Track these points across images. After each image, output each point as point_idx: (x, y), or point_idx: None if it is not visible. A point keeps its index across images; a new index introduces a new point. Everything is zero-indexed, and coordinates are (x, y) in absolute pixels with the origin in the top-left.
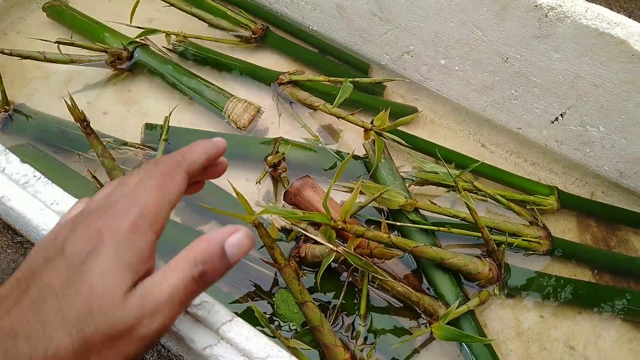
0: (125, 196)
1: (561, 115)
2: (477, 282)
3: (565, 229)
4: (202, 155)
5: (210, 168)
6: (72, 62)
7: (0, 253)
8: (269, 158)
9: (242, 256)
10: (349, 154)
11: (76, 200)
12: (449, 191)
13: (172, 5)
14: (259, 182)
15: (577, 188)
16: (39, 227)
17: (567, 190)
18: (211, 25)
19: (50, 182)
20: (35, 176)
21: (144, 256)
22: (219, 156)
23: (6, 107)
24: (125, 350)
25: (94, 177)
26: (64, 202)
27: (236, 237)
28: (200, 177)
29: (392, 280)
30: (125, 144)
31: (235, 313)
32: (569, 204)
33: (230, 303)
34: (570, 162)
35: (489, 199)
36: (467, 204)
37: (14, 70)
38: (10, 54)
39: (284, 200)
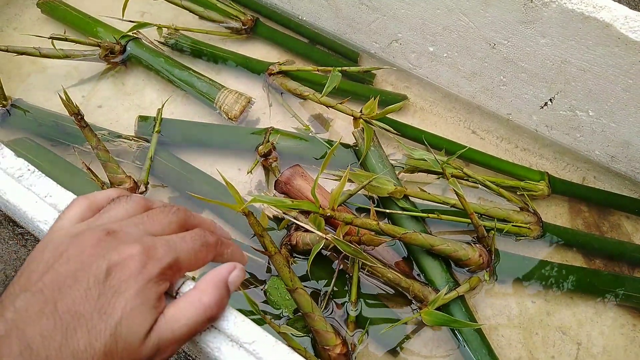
0: (167, 241)
1: (550, 100)
2: (467, 268)
3: (556, 214)
4: (233, 258)
5: None
6: (66, 57)
7: (2, 245)
8: (260, 148)
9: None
10: (336, 142)
11: (68, 192)
12: (439, 178)
13: None
14: (251, 171)
15: (569, 173)
16: (34, 219)
17: (558, 176)
18: (202, 17)
19: (43, 175)
20: (29, 170)
21: (162, 299)
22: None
23: (4, 102)
24: None
25: (88, 169)
26: (57, 194)
27: (237, 274)
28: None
29: (382, 267)
30: (119, 136)
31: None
32: (560, 189)
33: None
34: (561, 147)
35: (479, 186)
36: (455, 190)
37: (10, 66)
38: (7, 51)
39: (274, 189)
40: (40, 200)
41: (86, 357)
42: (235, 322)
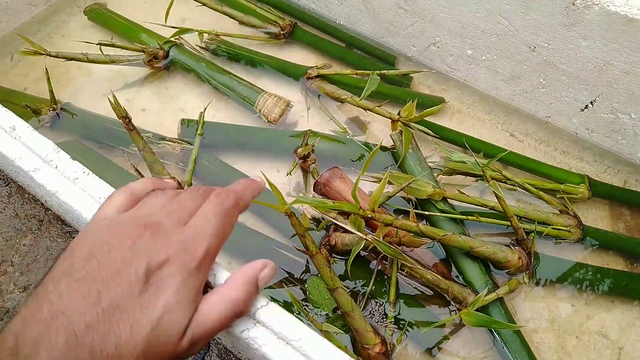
0: (196, 228)
1: (591, 103)
2: (506, 271)
3: (597, 217)
4: (253, 196)
5: None
6: (112, 62)
7: (52, 242)
8: (299, 150)
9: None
10: (376, 145)
11: None
12: (477, 180)
13: (204, 4)
14: (290, 173)
15: (609, 176)
16: (88, 220)
17: (598, 179)
18: (241, 23)
19: (97, 177)
20: (84, 172)
21: (199, 291)
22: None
23: (54, 106)
24: None
25: (136, 170)
26: None
27: (265, 273)
28: None
29: (421, 267)
30: (163, 138)
31: (270, 298)
32: (601, 192)
33: (264, 289)
34: (602, 150)
35: (518, 188)
36: (495, 192)
37: (59, 71)
38: (57, 56)
39: (313, 190)
40: (95, 202)
41: (128, 349)
42: (282, 320)
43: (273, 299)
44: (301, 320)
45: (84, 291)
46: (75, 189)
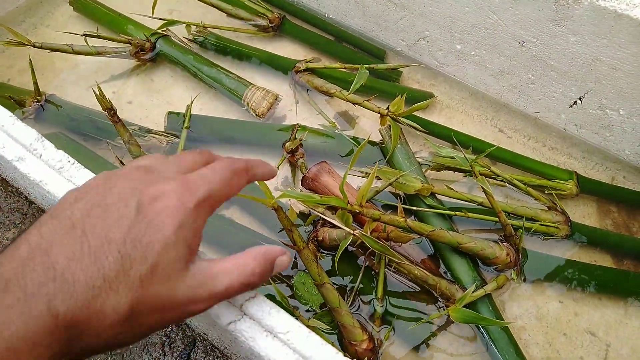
0: (199, 174)
1: (580, 99)
2: (494, 267)
3: (585, 214)
4: (264, 175)
5: None
6: (98, 53)
7: None
8: (287, 144)
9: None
10: (365, 139)
11: None
12: (465, 176)
13: None
14: (278, 167)
15: (597, 173)
16: None
17: (586, 175)
18: (230, 15)
19: (83, 167)
20: (69, 161)
21: (198, 235)
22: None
23: (38, 97)
24: (165, 320)
25: (122, 163)
26: None
27: (284, 259)
28: None
29: (409, 263)
30: (149, 131)
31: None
32: (589, 188)
33: None
34: (590, 147)
35: (507, 184)
36: (483, 188)
37: (44, 62)
38: (41, 47)
39: (301, 185)
40: None
41: (119, 282)
42: (270, 312)
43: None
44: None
45: (67, 228)
46: (60, 178)
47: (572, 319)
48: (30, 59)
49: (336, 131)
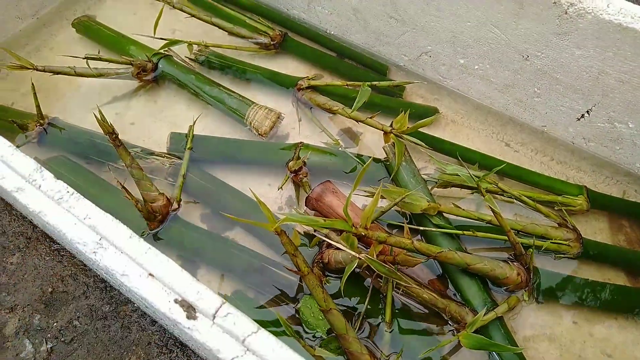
0: None
1: (587, 112)
2: (505, 287)
3: (596, 230)
4: None
5: None
6: (100, 75)
7: (39, 260)
8: (290, 164)
9: None
10: (369, 157)
11: (107, 215)
12: (473, 193)
13: (192, 16)
14: (281, 187)
15: (608, 187)
16: (73, 241)
17: (597, 190)
18: (231, 33)
19: (82, 197)
20: (68, 192)
21: None
22: None
23: (41, 121)
24: None
25: (123, 187)
26: (96, 216)
27: None
28: None
29: (417, 286)
30: (152, 153)
31: (260, 321)
32: (600, 203)
33: (255, 308)
34: (600, 160)
35: (515, 201)
36: (491, 207)
37: (47, 85)
38: (44, 71)
39: (305, 205)
40: (80, 222)
41: None
42: (273, 349)
43: (264, 322)
44: (295, 342)
45: None
46: (59, 209)
47: (587, 340)
48: (32, 83)
49: (340, 149)
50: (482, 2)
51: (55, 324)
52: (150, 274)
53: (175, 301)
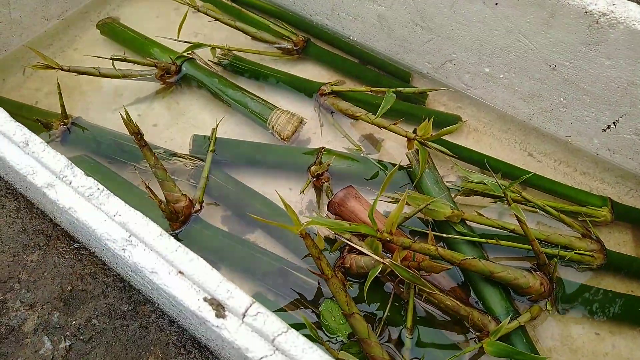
0: None
1: (614, 123)
2: (527, 297)
3: (620, 241)
4: None
5: None
6: (124, 76)
7: (59, 259)
8: (313, 168)
9: None
10: (390, 163)
11: (137, 212)
12: (496, 202)
13: (216, 20)
14: (303, 192)
15: (632, 199)
16: (103, 237)
17: (620, 201)
18: (254, 38)
19: (112, 194)
20: (99, 189)
21: None
22: None
23: (65, 120)
24: None
25: (148, 187)
26: (126, 213)
27: None
28: None
29: (440, 293)
30: (174, 154)
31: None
32: (624, 215)
33: (275, 311)
34: (624, 172)
35: (538, 210)
36: (517, 217)
37: (71, 85)
38: (69, 71)
39: (327, 210)
40: (109, 219)
41: None
42: (303, 349)
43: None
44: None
45: None
46: (89, 205)
47: (610, 352)
48: (57, 82)
49: (362, 155)
50: (512, 10)
51: (74, 322)
52: (180, 272)
53: (205, 299)
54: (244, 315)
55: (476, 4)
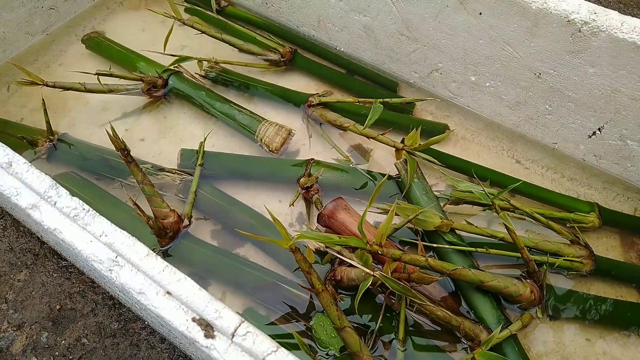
0: None
1: (599, 129)
2: (518, 305)
3: (608, 247)
4: None
5: None
6: (110, 91)
7: (47, 277)
8: (302, 180)
9: None
10: (380, 173)
11: (123, 232)
12: (485, 210)
13: (203, 32)
14: (292, 204)
15: (619, 204)
16: (89, 258)
17: (608, 207)
18: (241, 50)
19: (98, 214)
20: (84, 209)
21: None
22: None
23: (51, 137)
24: None
25: (135, 204)
26: (112, 234)
27: None
28: None
29: (431, 304)
30: (162, 169)
31: (272, 338)
32: (611, 220)
33: (266, 325)
34: (611, 177)
35: (526, 217)
36: (505, 225)
37: (56, 101)
38: (54, 87)
39: (317, 222)
40: (95, 239)
41: None
42: None
43: (276, 340)
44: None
45: None
46: (75, 226)
47: (601, 357)
48: (42, 99)
49: (350, 165)
50: (496, 20)
51: (63, 341)
52: (167, 292)
53: (193, 320)
54: (233, 335)
55: (461, 14)
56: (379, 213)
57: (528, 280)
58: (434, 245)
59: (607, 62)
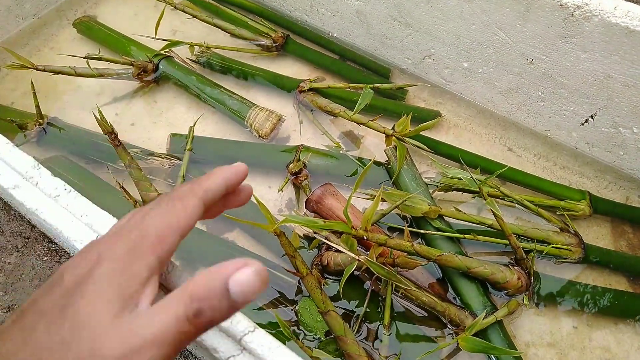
0: (134, 222)
1: (591, 116)
2: (505, 292)
3: (598, 235)
4: (220, 182)
5: (233, 195)
6: (101, 76)
7: (38, 260)
8: (291, 166)
9: (251, 298)
10: (370, 160)
11: (104, 212)
12: (474, 197)
13: (194, 17)
14: (281, 190)
15: (611, 192)
16: (70, 239)
17: (599, 195)
18: (233, 35)
19: (79, 194)
20: (65, 189)
21: (141, 280)
22: (239, 182)
23: (40, 120)
24: None
25: (122, 187)
26: (93, 214)
27: (243, 275)
28: (222, 204)
29: (416, 289)
30: (151, 154)
31: (259, 324)
32: (602, 209)
33: (253, 310)
34: (603, 165)
35: (517, 205)
36: (492, 211)
37: (47, 85)
38: (44, 70)
39: (305, 207)
40: (76, 219)
41: (42, 349)
42: (270, 347)
43: (262, 324)
44: (291, 345)
45: (13, 316)
46: (56, 206)
47: (587, 345)
48: (32, 82)
49: (341, 152)
50: (488, 4)
51: None
52: None
53: None
54: None
55: None
56: (368, 199)
57: (516, 268)
58: (422, 231)
59: (599, 48)
